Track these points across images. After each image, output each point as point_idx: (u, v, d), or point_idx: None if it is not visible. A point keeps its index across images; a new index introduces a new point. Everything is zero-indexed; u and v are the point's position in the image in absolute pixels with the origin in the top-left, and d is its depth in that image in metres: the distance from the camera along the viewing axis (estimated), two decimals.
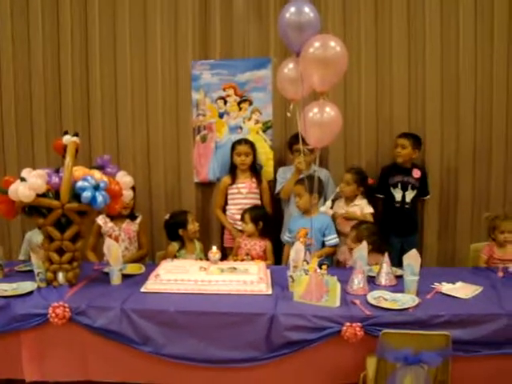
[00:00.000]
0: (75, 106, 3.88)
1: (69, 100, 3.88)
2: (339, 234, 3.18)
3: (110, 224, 3.31)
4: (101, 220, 3.30)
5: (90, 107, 3.89)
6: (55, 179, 2.47)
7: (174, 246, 3.23)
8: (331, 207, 3.22)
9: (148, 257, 3.55)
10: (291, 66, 2.56)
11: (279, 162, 3.82)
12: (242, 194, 3.62)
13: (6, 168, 3.92)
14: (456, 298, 2.31)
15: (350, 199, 3.42)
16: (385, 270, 2.56)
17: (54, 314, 2.24)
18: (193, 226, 3.22)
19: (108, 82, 3.85)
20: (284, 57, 3.58)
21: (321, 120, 2.37)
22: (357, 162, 3.73)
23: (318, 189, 3.05)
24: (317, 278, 2.25)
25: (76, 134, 2.63)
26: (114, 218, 3.30)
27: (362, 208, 3.37)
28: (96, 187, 2.41)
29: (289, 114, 2.53)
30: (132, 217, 3.38)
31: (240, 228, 3.50)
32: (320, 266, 2.29)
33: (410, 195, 3.55)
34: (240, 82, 3.76)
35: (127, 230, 3.33)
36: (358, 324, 2.09)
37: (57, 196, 2.45)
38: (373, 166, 3.74)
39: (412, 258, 2.38)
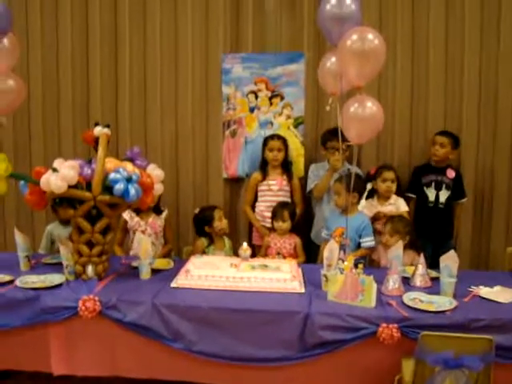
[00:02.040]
0: (103, 97, 3.94)
1: (97, 91, 3.94)
2: (375, 233, 3.17)
3: (136, 219, 3.36)
4: (127, 215, 3.35)
5: (118, 98, 3.94)
6: (87, 171, 2.51)
7: (203, 241, 3.27)
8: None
9: (173, 252, 3.60)
10: (333, 59, 2.56)
11: (309, 159, 3.83)
12: (273, 191, 3.63)
13: (31, 159, 4.01)
14: (495, 302, 2.28)
15: (384, 198, 3.40)
16: (420, 272, 2.55)
17: (84, 308, 2.28)
18: (219, 223, 3.24)
19: (137, 73, 3.90)
20: (318, 51, 3.66)
21: (362, 115, 2.36)
22: (389, 160, 3.72)
23: (358, 187, 3.04)
24: (352, 277, 2.25)
25: (107, 126, 2.67)
26: (140, 212, 3.35)
27: (398, 207, 3.35)
28: (128, 180, 2.44)
29: (328, 108, 2.53)
30: (158, 211, 3.42)
31: (268, 225, 3.52)
32: (356, 265, 2.29)
33: (444, 195, 3.52)
34: (272, 77, 3.78)
35: (153, 224, 3.37)
36: (395, 325, 2.08)
37: (88, 188, 2.50)
38: (405, 165, 3.73)
39: (450, 260, 2.36)
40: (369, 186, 3.35)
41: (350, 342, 2.13)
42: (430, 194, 3.53)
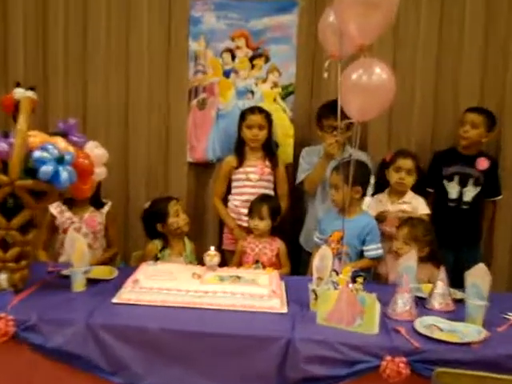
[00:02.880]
0: (27, 50, 3.92)
1: (18, 41, 3.91)
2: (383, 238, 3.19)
3: (68, 213, 3.34)
4: (55, 208, 3.33)
5: (47, 51, 3.92)
6: (3, 146, 2.46)
7: (155, 243, 3.27)
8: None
9: (119, 257, 3.61)
10: None
11: (301, 141, 3.85)
12: (251, 181, 3.65)
13: None
14: None
15: (397, 194, 3.43)
16: (440, 290, 2.56)
17: None
18: (175, 220, 3.24)
19: (74, 16, 3.88)
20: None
21: (367, 84, 2.35)
22: (405, 144, 3.76)
23: (362, 178, 3.05)
24: (349, 294, 2.25)
25: (32, 88, 2.64)
26: (73, 205, 3.34)
27: (416, 207, 3.39)
28: (59, 160, 2.40)
29: (326, 75, 2.53)
30: (97, 204, 3.41)
31: (245, 225, 3.54)
32: (354, 278, 2.30)
33: (469, 193, 3.56)
34: (254, 30, 3.78)
35: (90, 221, 3.36)
36: (403, 359, 2.08)
37: (4, 169, 2.45)
38: (425, 150, 3.77)
39: (478, 276, 2.36)
40: (372, 180, 3.36)
41: (343, 378, 2.12)
42: (452, 190, 3.58)
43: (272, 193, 3.67)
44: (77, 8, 3.88)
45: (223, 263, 3.00)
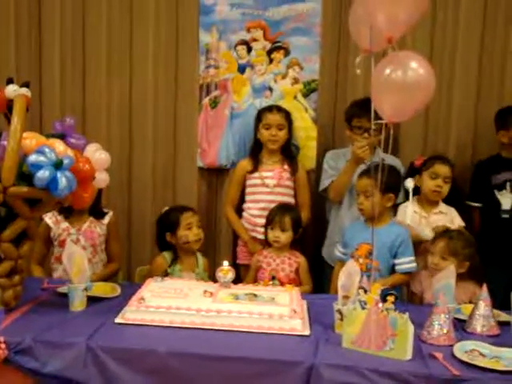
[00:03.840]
0: (19, 41, 3.97)
1: (10, 34, 3.96)
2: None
3: (65, 224, 3.37)
4: (50, 218, 3.36)
5: (41, 43, 3.97)
6: None
7: (165, 257, 3.30)
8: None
9: (122, 274, 3.64)
10: None
11: (325, 144, 3.89)
12: (268, 187, 3.68)
13: None
14: None
15: (429, 203, 3.44)
16: (482, 312, 2.56)
17: None
18: (185, 233, 3.27)
19: (71, 5, 3.92)
20: None
21: (403, 81, 2.37)
22: (442, 149, 3.78)
23: (394, 185, 3.06)
24: (378, 314, 2.25)
25: (26, 84, 2.67)
26: (70, 215, 3.37)
27: (452, 218, 3.40)
28: (57, 165, 2.42)
29: (358, 71, 2.54)
30: (97, 214, 3.44)
31: (261, 237, 3.56)
32: (384, 297, 2.30)
33: None
34: (273, 20, 3.82)
35: (90, 233, 3.39)
36: None
37: None
38: (466, 157, 3.80)
39: None
40: (409, 184, 3.37)
41: None
42: (504, 199, 3.58)
43: (292, 201, 3.69)
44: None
45: (237, 279, 3.02)
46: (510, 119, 3.55)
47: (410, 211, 3.29)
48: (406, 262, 3.09)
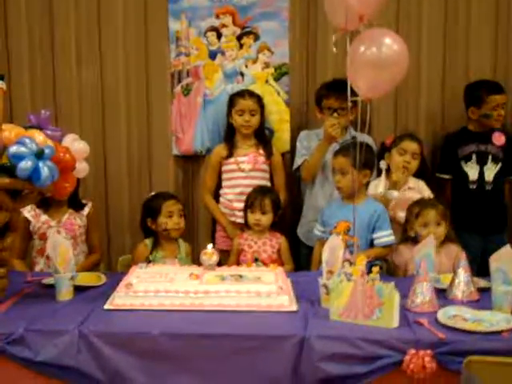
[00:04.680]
0: None
1: None
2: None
3: (44, 217, 3.37)
4: (28, 212, 3.36)
5: (8, 35, 3.95)
6: None
7: (146, 244, 3.32)
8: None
9: (103, 264, 3.65)
10: None
11: (299, 127, 3.93)
12: (244, 172, 3.72)
13: None
14: None
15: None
16: (462, 279, 2.62)
17: None
18: (165, 221, 3.29)
19: None
20: None
21: (378, 57, 2.42)
22: (413, 126, 3.87)
23: (369, 163, 3.12)
24: (365, 285, 2.30)
25: (1, 77, 2.63)
26: (49, 208, 3.37)
27: (422, 191, 3.48)
28: (39, 155, 2.43)
29: (334, 50, 2.57)
30: (76, 205, 3.45)
31: (240, 221, 3.61)
32: (370, 268, 2.35)
33: (491, 171, 3.68)
34: (241, 6, 3.84)
35: (70, 225, 3.40)
36: (428, 351, 2.13)
37: None
38: (435, 133, 3.89)
39: (504, 260, 2.42)
40: (382, 165, 3.42)
41: (364, 376, 2.17)
42: (471, 170, 3.68)
43: (268, 184, 3.73)
44: None
45: (218, 264, 3.04)
46: (481, 97, 3.62)
47: (382, 185, 3.33)
48: (385, 236, 3.15)
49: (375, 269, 2.34)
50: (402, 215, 3.30)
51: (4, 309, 2.54)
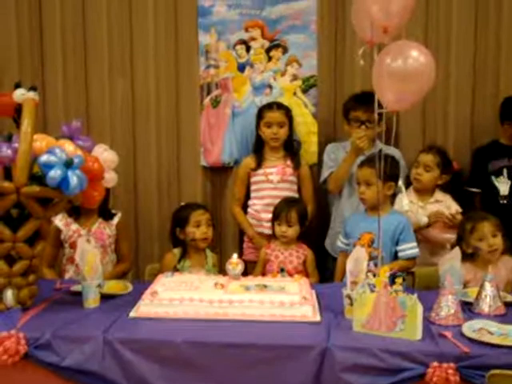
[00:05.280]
0: (21, 46, 4.01)
1: (12, 37, 4.00)
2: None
3: (74, 226, 3.40)
4: (60, 220, 3.39)
5: (44, 49, 4.01)
6: (7, 151, 2.52)
7: (174, 253, 3.34)
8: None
9: (131, 273, 3.68)
10: None
11: (326, 139, 3.93)
12: (272, 183, 3.73)
13: None
14: None
15: (425, 192, 3.52)
16: (489, 293, 2.60)
17: (2, 349, 2.28)
18: (193, 230, 3.31)
19: (72, 10, 3.97)
20: None
21: (404, 70, 2.43)
22: (441, 140, 3.84)
23: (393, 175, 3.11)
24: (388, 297, 2.30)
25: (34, 88, 2.68)
26: (79, 216, 3.41)
27: (449, 205, 3.46)
28: (68, 164, 2.46)
29: (361, 62, 2.58)
30: (106, 215, 3.48)
31: (267, 232, 3.61)
32: (393, 279, 2.34)
33: None
34: (270, 19, 3.87)
35: (99, 234, 3.42)
36: (451, 365, 2.12)
37: (7, 176, 2.52)
38: (465, 146, 3.85)
39: None
40: (400, 183, 3.39)
41: None
42: (502, 185, 3.63)
43: (296, 195, 3.73)
44: (75, 2, 3.98)
45: (245, 275, 3.04)
46: None
47: (405, 201, 3.32)
48: (409, 248, 3.14)
49: (398, 280, 2.33)
50: (434, 234, 3.28)
51: (32, 315, 2.57)
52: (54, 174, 2.44)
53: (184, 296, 2.55)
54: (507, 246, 3.06)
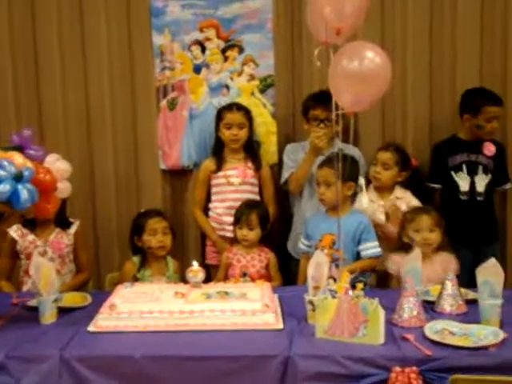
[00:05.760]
0: None
1: None
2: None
3: (31, 237, 3.35)
4: (15, 232, 3.33)
5: None
6: None
7: (134, 262, 3.31)
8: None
9: (92, 283, 3.63)
10: None
11: (286, 138, 3.92)
12: (233, 186, 3.71)
13: None
14: None
15: (385, 190, 3.53)
16: (449, 292, 2.61)
17: None
18: (149, 239, 3.29)
19: (21, 14, 3.89)
20: None
21: (360, 70, 2.41)
22: (400, 137, 3.86)
23: (351, 174, 3.08)
24: (349, 302, 2.28)
25: None
26: (35, 227, 3.35)
27: (409, 201, 3.47)
28: (18, 177, 2.42)
29: (318, 64, 2.56)
30: (63, 223, 3.42)
31: (230, 235, 3.59)
32: (353, 284, 2.33)
33: (482, 182, 3.64)
34: (225, 19, 3.83)
35: (57, 244, 3.37)
36: (413, 369, 2.12)
37: None
38: (424, 143, 3.87)
39: (490, 273, 2.41)
40: (361, 180, 3.35)
41: None
42: (463, 181, 3.65)
43: (257, 197, 3.72)
44: (24, 4, 3.89)
45: (208, 279, 3.03)
46: (478, 106, 3.57)
47: (365, 200, 3.32)
48: (371, 247, 3.14)
49: (359, 285, 2.33)
50: (393, 230, 3.29)
51: None
52: (3, 188, 2.38)
53: (143, 308, 2.51)
54: (445, 243, 3.11)
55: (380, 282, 3.29)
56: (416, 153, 3.74)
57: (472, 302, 2.60)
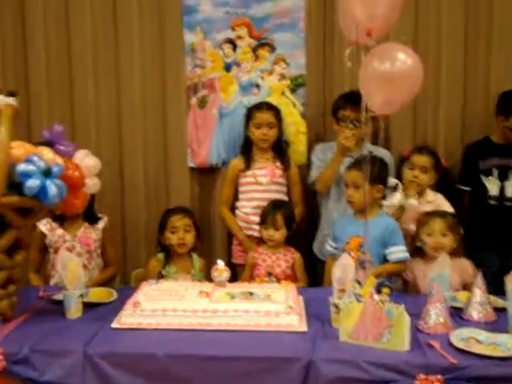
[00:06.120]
0: (5, 51, 3.98)
1: None
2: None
3: (60, 231, 3.37)
4: (44, 225, 3.36)
5: (27, 52, 3.97)
6: None
7: (159, 259, 3.32)
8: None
9: (118, 278, 3.65)
10: None
11: (315, 139, 3.90)
12: (261, 185, 3.70)
13: None
14: None
15: (414, 194, 3.46)
16: (478, 299, 2.57)
17: None
18: (170, 236, 3.31)
19: (55, 13, 3.93)
20: None
21: (391, 72, 2.40)
22: (432, 139, 3.81)
23: (381, 176, 3.08)
24: (374, 306, 2.26)
25: (13, 94, 2.64)
26: (64, 221, 3.38)
27: (440, 205, 3.42)
28: (47, 173, 2.43)
29: (349, 64, 2.54)
30: (92, 219, 3.45)
31: (257, 235, 3.58)
32: (379, 289, 2.32)
33: (511, 188, 3.58)
34: (257, 17, 3.83)
35: (85, 238, 3.40)
36: (438, 377, 2.10)
37: None
38: (455, 144, 3.83)
39: None
40: (391, 183, 3.35)
41: None
42: (491, 185, 3.60)
43: (285, 197, 3.71)
44: (58, 3, 3.93)
45: (233, 278, 3.03)
46: (510, 108, 3.52)
47: (398, 197, 3.29)
48: (398, 251, 3.09)
49: (385, 290, 2.31)
50: (413, 227, 3.25)
51: (13, 327, 2.53)
52: (32, 183, 2.41)
53: (167, 306, 2.51)
54: (460, 249, 3.06)
55: (407, 286, 3.24)
56: (447, 154, 3.70)
57: (501, 310, 2.56)
